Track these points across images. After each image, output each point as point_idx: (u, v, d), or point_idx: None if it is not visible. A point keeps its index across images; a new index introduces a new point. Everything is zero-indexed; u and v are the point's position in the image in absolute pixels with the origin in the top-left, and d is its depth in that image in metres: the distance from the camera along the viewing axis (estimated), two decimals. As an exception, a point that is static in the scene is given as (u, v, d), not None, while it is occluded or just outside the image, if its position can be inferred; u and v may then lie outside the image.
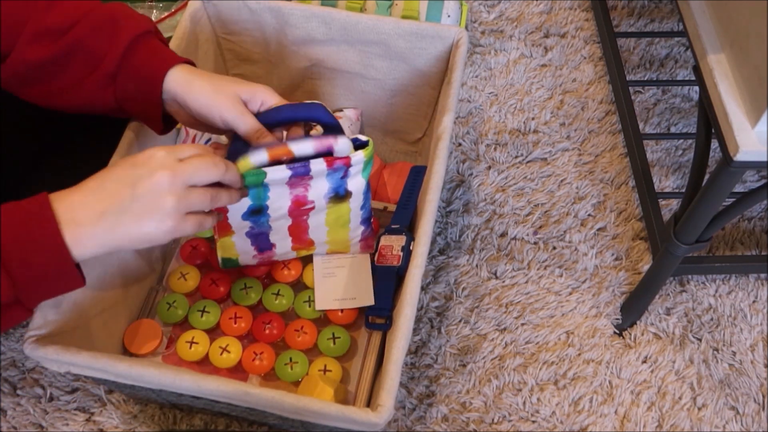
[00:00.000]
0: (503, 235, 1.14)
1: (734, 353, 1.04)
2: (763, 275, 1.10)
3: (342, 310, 0.92)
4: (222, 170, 0.68)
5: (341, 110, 1.08)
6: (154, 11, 1.24)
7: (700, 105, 0.83)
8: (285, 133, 0.80)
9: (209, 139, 0.99)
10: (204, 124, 0.79)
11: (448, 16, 1.16)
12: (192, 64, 0.80)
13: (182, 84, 0.76)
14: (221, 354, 0.88)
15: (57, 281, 0.64)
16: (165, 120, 0.81)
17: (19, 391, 0.99)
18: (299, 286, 0.97)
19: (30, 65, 0.75)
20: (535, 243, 1.13)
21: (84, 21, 0.76)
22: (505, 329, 1.06)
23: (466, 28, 1.24)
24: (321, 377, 0.85)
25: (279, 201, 0.80)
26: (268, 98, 0.79)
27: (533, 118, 1.26)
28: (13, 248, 0.60)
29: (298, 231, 0.87)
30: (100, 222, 0.63)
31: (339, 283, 0.91)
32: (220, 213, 0.79)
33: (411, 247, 0.83)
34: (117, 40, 0.76)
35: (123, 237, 0.64)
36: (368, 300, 0.89)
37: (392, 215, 0.93)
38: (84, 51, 0.76)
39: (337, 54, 1.02)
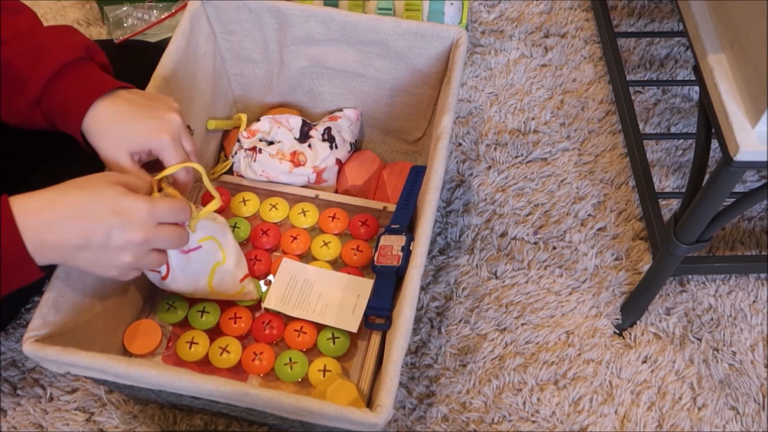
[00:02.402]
0: (503, 235, 1.14)
1: (734, 353, 1.04)
2: (763, 275, 1.10)
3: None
4: (186, 240, 0.72)
5: (341, 110, 1.08)
6: (155, 11, 1.24)
7: (700, 105, 0.83)
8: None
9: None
10: None
11: (452, 4, 1.16)
12: (129, 87, 0.79)
13: (91, 128, 0.75)
14: (221, 354, 0.88)
15: (13, 273, 0.66)
16: None
17: (19, 391, 0.99)
18: (299, 286, 0.97)
19: None
20: (535, 243, 1.13)
21: (14, 42, 0.75)
22: (505, 329, 1.06)
23: (467, 27, 1.24)
24: (339, 375, 0.85)
25: None
26: (162, 153, 0.76)
27: (533, 118, 1.26)
28: None
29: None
30: (58, 250, 0.66)
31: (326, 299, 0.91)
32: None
33: (411, 247, 0.83)
34: (42, 66, 0.74)
35: (74, 265, 0.69)
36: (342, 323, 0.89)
37: (392, 215, 0.93)
38: (10, 73, 0.75)
39: (337, 54, 1.02)
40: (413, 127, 1.09)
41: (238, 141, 1.03)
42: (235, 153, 1.03)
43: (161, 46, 1.01)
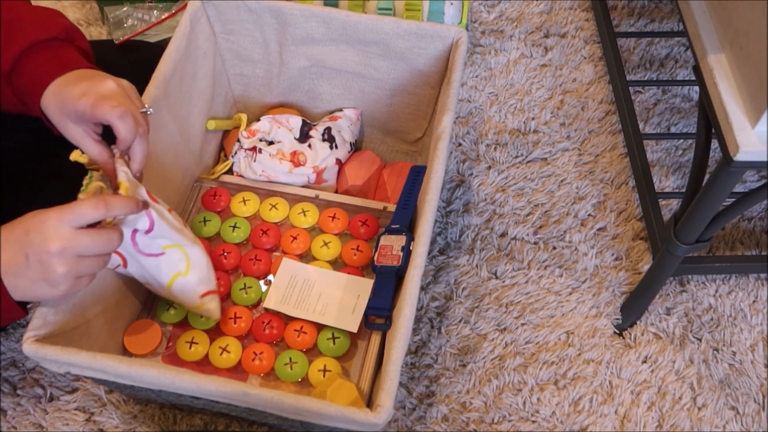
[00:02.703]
0: (503, 235, 1.14)
1: (734, 353, 1.04)
2: (763, 275, 1.10)
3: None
4: (115, 244, 0.70)
5: (341, 110, 1.08)
6: (155, 12, 1.24)
7: (700, 105, 0.83)
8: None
9: None
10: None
11: (452, 4, 1.16)
12: (96, 69, 0.78)
13: (44, 104, 0.75)
14: (221, 354, 0.88)
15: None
16: None
17: (19, 391, 0.99)
18: (299, 286, 0.97)
19: None
20: (535, 243, 1.13)
21: None
22: (505, 329, 1.06)
23: (467, 27, 1.24)
24: (339, 375, 0.85)
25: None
26: (95, 113, 0.73)
27: (533, 118, 1.26)
28: None
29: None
30: (4, 279, 0.67)
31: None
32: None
33: (411, 247, 0.83)
34: (15, 41, 0.75)
35: (23, 295, 0.68)
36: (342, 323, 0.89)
37: (392, 215, 0.93)
38: None
39: (337, 54, 1.02)
40: (413, 127, 1.09)
41: (238, 141, 1.03)
42: (235, 153, 1.03)
43: (161, 46, 1.01)
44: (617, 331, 1.06)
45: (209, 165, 1.07)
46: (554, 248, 1.13)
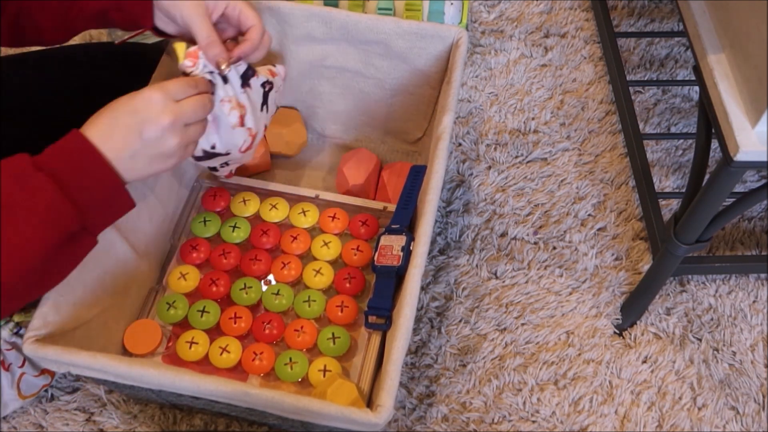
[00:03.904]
0: (503, 235, 1.14)
1: (734, 353, 1.04)
2: (763, 275, 1.10)
3: (342, 310, 0.92)
4: (209, 109, 0.77)
5: (274, 65, 0.96)
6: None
7: (700, 105, 0.83)
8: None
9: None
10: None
11: (452, 4, 1.16)
12: None
13: None
14: (221, 354, 0.88)
15: (113, 204, 0.71)
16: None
17: (19, 391, 0.99)
18: (299, 286, 0.97)
19: None
20: (535, 243, 1.13)
21: None
22: (505, 329, 1.06)
23: (467, 27, 1.24)
24: (339, 375, 0.85)
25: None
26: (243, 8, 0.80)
27: (533, 118, 1.26)
28: (73, 180, 0.66)
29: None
30: (117, 164, 0.69)
31: None
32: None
33: (411, 247, 0.83)
34: None
35: (138, 175, 0.71)
36: None
37: (392, 215, 0.93)
38: None
39: (337, 54, 1.02)
40: (413, 127, 1.09)
41: (184, 74, 0.82)
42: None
43: (160, 47, 1.01)
44: (617, 331, 1.06)
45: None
46: (554, 248, 1.13)
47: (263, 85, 0.88)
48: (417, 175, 0.95)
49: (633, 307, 1.05)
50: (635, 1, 1.41)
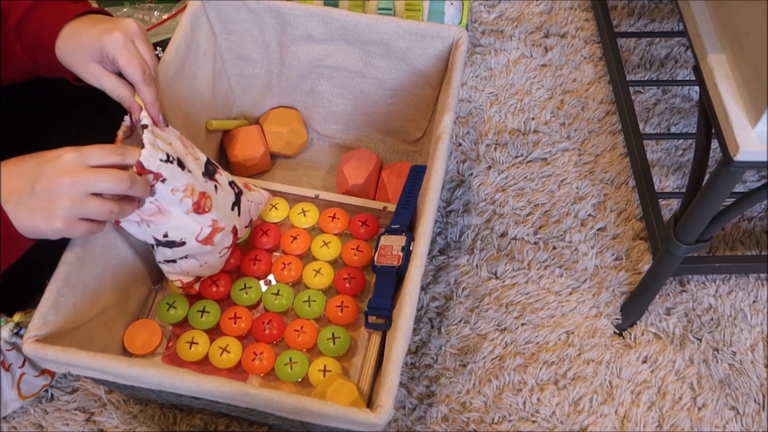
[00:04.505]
0: (503, 235, 1.14)
1: (734, 353, 1.04)
2: (763, 275, 1.10)
3: (342, 310, 0.92)
4: (126, 185, 0.69)
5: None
6: (155, 12, 1.24)
7: (700, 105, 0.83)
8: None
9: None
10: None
11: (452, 4, 1.16)
12: (105, 13, 0.81)
13: (61, 47, 0.77)
14: (221, 354, 0.88)
15: (5, 244, 0.69)
16: None
17: (19, 391, 0.99)
18: (299, 286, 0.97)
19: None
20: (535, 243, 1.13)
21: None
22: (505, 329, 1.06)
23: (467, 27, 1.24)
24: (339, 375, 0.85)
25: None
26: (116, 54, 0.75)
27: (533, 118, 1.26)
28: None
29: None
30: (5, 206, 0.67)
31: None
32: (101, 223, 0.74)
33: (411, 247, 0.83)
34: None
35: (19, 224, 0.68)
36: None
37: (392, 215, 0.93)
38: None
39: (337, 54, 1.02)
40: (413, 127, 1.09)
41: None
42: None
43: (161, 47, 1.01)
44: (617, 331, 1.06)
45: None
46: (554, 248, 1.13)
47: (231, 185, 0.87)
48: (417, 175, 0.95)
49: (633, 307, 1.05)
50: (635, 1, 1.41)
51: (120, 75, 0.77)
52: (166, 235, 0.80)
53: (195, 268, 0.89)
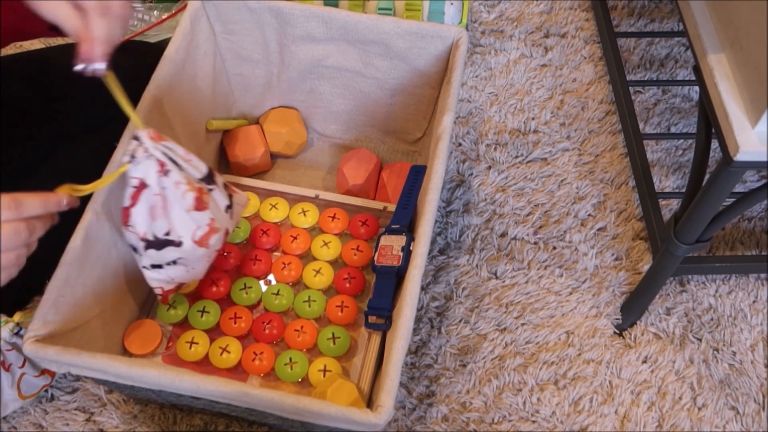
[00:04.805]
0: (503, 235, 1.14)
1: (734, 353, 1.04)
2: (763, 275, 1.10)
3: (342, 310, 0.92)
4: (24, 238, 0.67)
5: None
6: (155, 12, 1.24)
7: (700, 105, 0.83)
8: None
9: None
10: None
11: (452, 4, 1.16)
12: None
13: None
14: (221, 354, 0.88)
15: None
16: None
17: (19, 391, 0.99)
18: (299, 286, 0.97)
19: None
20: (535, 243, 1.13)
21: None
22: (505, 329, 1.06)
23: (467, 27, 1.24)
24: (340, 375, 0.85)
25: None
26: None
27: (533, 118, 1.26)
28: None
29: None
30: None
31: None
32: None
33: (411, 247, 0.83)
34: None
35: None
36: None
37: (392, 215, 0.93)
38: None
39: (337, 53, 1.02)
40: (413, 127, 1.09)
41: (137, 139, 0.76)
42: (133, 157, 0.76)
43: (161, 46, 1.01)
44: (617, 331, 1.06)
45: (209, 165, 1.06)
46: (554, 248, 1.13)
47: (225, 186, 0.86)
48: (417, 175, 0.95)
49: (633, 307, 1.05)
50: (635, 1, 1.41)
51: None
52: (167, 233, 0.80)
53: (181, 275, 0.86)
